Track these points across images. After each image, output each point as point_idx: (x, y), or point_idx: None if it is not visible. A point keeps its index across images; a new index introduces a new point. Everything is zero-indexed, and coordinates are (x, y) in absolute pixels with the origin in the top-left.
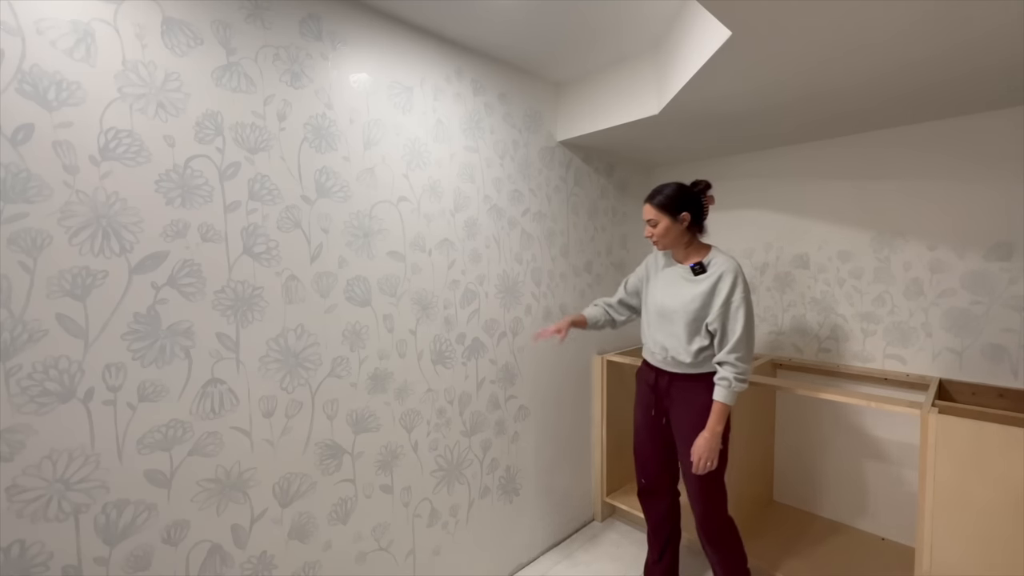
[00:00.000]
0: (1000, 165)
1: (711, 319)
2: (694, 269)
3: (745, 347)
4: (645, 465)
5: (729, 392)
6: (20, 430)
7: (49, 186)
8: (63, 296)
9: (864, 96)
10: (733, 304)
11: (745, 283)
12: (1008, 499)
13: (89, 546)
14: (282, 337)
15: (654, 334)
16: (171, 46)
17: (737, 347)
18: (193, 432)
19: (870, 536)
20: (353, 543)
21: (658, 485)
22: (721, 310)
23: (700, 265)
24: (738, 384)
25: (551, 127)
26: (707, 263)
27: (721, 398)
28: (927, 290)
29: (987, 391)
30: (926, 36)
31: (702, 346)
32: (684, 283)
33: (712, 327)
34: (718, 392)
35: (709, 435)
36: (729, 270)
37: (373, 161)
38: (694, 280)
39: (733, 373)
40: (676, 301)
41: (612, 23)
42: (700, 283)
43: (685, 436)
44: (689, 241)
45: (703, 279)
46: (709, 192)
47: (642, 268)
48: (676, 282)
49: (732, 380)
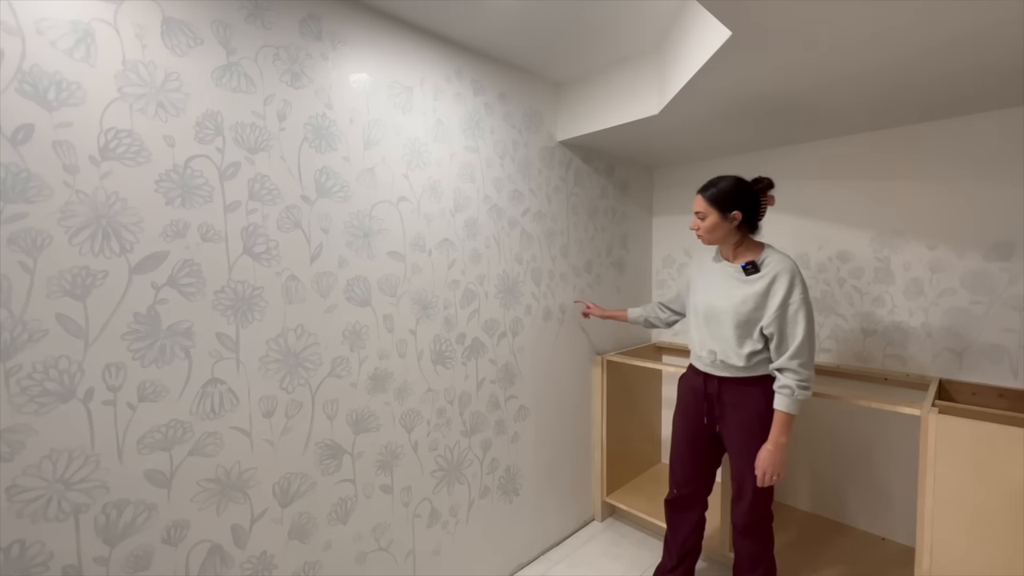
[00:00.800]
0: (1000, 165)
1: (766, 322)
2: (746, 269)
3: (808, 352)
4: (682, 475)
5: (792, 400)
6: (20, 430)
7: (49, 186)
8: (63, 296)
9: (864, 96)
10: (791, 307)
11: (804, 284)
12: (1008, 499)
13: (89, 546)
14: (282, 337)
15: (701, 336)
16: (171, 46)
17: (799, 352)
18: (193, 432)
19: (870, 536)
20: (353, 543)
21: (691, 497)
22: (778, 313)
23: (752, 264)
24: (801, 392)
25: (551, 127)
26: (760, 262)
27: (784, 407)
28: (927, 290)
29: (987, 391)
30: (926, 36)
31: (755, 350)
32: (735, 283)
33: (768, 331)
34: (780, 401)
35: (773, 447)
36: (785, 270)
37: (373, 161)
38: (746, 280)
39: (796, 380)
40: (726, 302)
41: (612, 23)
42: (753, 284)
43: (737, 443)
44: (740, 240)
45: (756, 279)
46: (771, 192)
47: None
48: (726, 282)
49: (795, 388)
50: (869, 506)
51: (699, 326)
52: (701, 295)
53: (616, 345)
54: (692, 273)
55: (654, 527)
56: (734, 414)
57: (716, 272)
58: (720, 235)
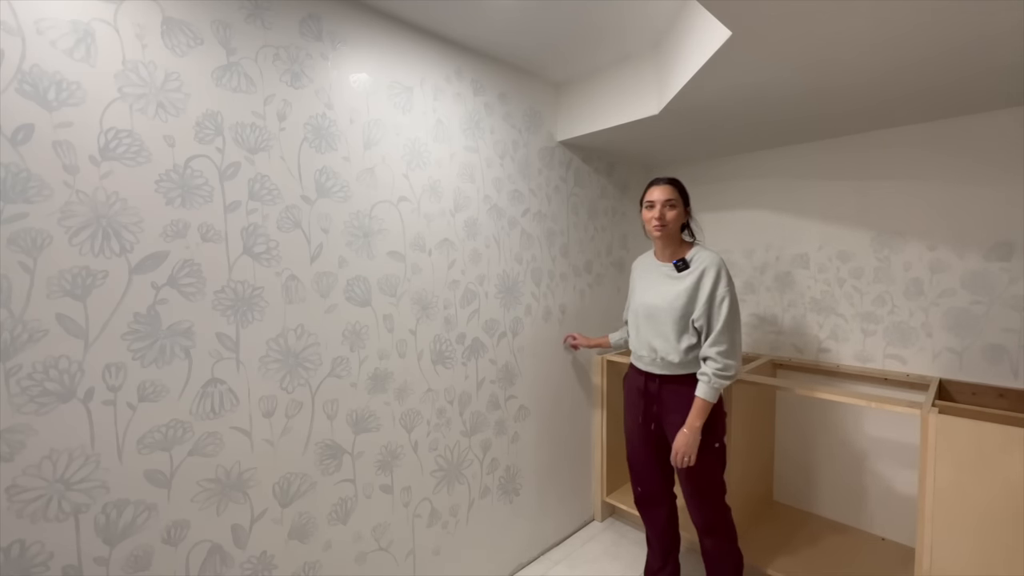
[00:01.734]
0: (1000, 165)
1: (697, 315)
2: (677, 266)
3: (728, 341)
4: (641, 473)
5: (709, 388)
6: (20, 430)
7: (49, 186)
8: (63, 296)
9: (864, 96)
10: (717, 297)
11: (729, 277)
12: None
13: (89, 546)
14: (282, 337)
15: (643, 336)
16: (171, 46)
17: (719, 340)
18: (193, 432)
19: (870, 536)
20: (353, 543)
21: (655, 493)
22: (706, 305)
23: (683, 261)
24: (718, 379)
25: (551, 127)
26: (690, 259)
27: (701, 394)
28: (927, 290)
29: (987, 391)
30: (926, 36)
31: (691, 344)
32: (668, 280)
33: (698, 323)
34: (699, 388)
35: (688, 430)
36: (712, 264)
37: (373, 161)
38: (678, 277)
39: (713, 368)
40: (662, 299)
41: (612, 23)
42: (684, 279)
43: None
44: (679, 237)
45: (686, 275)
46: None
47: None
48: (660, 280)
49: (712, 375)
50: (869, 506)
51: (640, 325)
52: (640, 295)
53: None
54: (633, 277)
55: None
56: (674, 414)
57: (653, 272)
58: (675, 229)
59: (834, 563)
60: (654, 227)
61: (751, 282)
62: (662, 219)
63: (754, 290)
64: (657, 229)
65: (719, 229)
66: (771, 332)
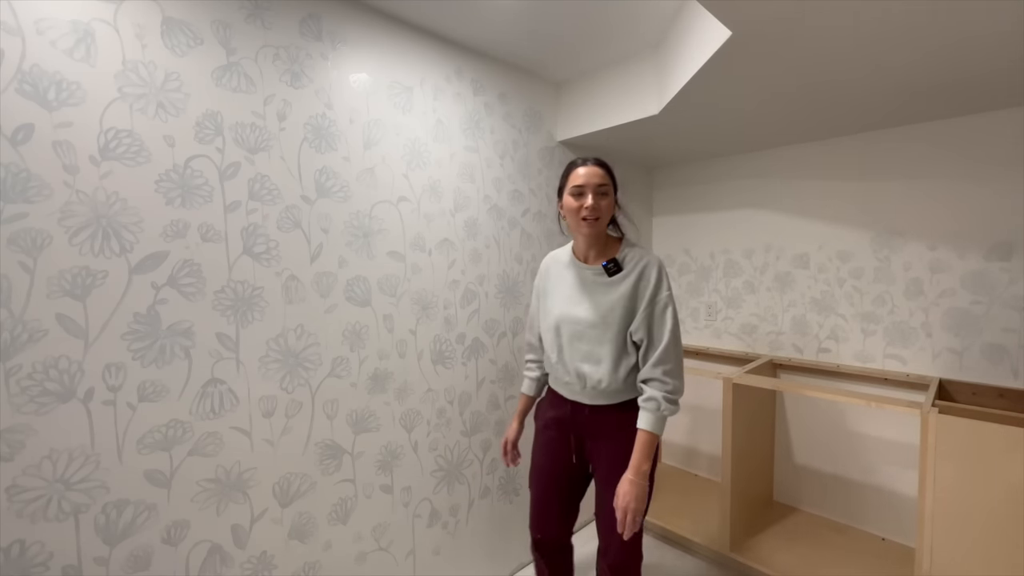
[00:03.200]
0: (1000, 165)
1: (635, 326)
2: (608, 268)
3: (675, 358)
4: (547, 516)
5: (657, 417)
6: (20, 430)
7: (49, 186)
8: (63, 296)
9: (864, 96)
10: (659, 303)
11: (669, 279)
12: (1008, 499)
13: (89, 546)
14: (282, 337)
15: (567, 359)
16: (171, 46)
17: (665, 358)
18: (193, 432)
19: (870, 536)
20: (353, 543)
21: (561, 536)
22: (646, 312)
23: (614, 262)
24: (668, 406)
25: (551, 127)
26: (622, 259)
27: (648, 426)
28: (927, 290)
29: (987, 391)
30: (926, 36)
31: (631, 366)
32: (598, 288)
33: (636, 336)
34: (644, 419)
35: (635, 476)
36: (652, 263)
37: (373, 161)
38: (609, 283)
39: (663, 392)
40: (593, 312)
41: (612, 23)
42: (618, 285)
43: (611, 483)
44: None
45: (620, 279)
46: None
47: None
48: (587, 287)
49: (661, 401)
50: (869, 506)
51: (561, 346)
52: (561, 306)
53: None
54: (543, 284)
55: (654, 527)
56: (608, 448)
57: (573, 277)
58: (606, 223)
59: (834, 563)
60: (583, 219)
61: (751, 282)
62: (595, 209)
63: (754, 290)
64: (588, 223)
65: (719, 229)
66: (771, 332)
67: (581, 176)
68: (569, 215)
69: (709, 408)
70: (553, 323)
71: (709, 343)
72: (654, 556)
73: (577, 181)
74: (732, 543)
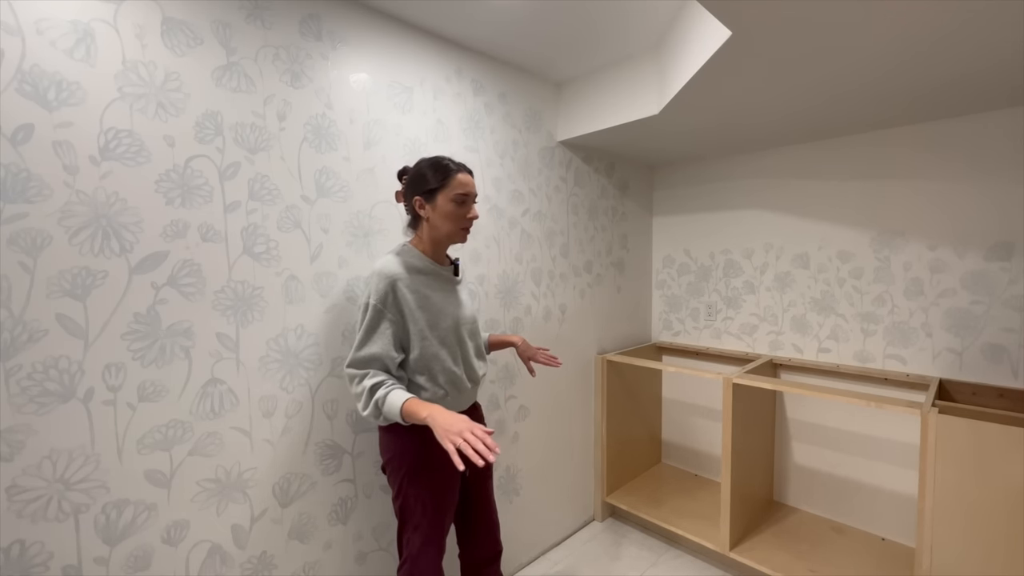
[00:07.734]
0: (1000, 165)
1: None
2: (456, 268)
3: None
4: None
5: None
6: (20, 430)
7: (49, 186)
8: (63, 296)
9: (864, 96)
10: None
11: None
12: (1008, 499)
13: (89, 546)
14: (282, 337)
15: (469, 358)
16: (171, 46)
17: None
18: (193, 432)
19: (870, 536)
20: (353, 543)
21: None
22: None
23: (455, 264)
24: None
25: (551, 127)
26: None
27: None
28: (927, 290)
29: (987, 391)
30: (926, 36)
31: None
32: (458, 287)
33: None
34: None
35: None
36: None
37: (373, 161)
38: (458, 280)
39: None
40: (470, 310)
41: (612, 23)
42: (465, 283)
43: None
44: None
45: (461, 277)
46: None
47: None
48: (455, 289)
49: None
50: (869, 506)
51: (461, 348)
52: (451, 311)
53: (616, 345)
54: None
55: (654, 527)
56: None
57: (442, 282)
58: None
59: (834, 563)
60: (464, 228)
61: (751, 282)
62: (475, 219)
63: (754, 290)
64: (467, 232)
65: (719, 229)
66: (771, 332)
67: (466, 184)
68: (446, 220)
69: (709, 408)
70: (451, 328)
71: (709, 343)
72: (653, 555)
73: (462, 189)
74: (732, 543)
